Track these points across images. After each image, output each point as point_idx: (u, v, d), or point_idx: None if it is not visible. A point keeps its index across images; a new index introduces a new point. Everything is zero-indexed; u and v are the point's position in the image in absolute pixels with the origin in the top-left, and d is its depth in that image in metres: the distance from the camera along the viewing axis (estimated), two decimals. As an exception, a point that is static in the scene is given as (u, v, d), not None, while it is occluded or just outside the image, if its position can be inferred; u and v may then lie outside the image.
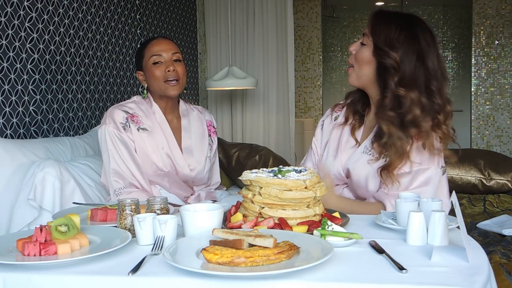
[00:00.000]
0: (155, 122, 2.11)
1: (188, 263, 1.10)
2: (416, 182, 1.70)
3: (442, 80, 1.73)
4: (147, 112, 2.12)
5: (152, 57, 2.07)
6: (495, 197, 3.16)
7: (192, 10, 4.30)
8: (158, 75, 2.07)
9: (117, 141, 2.04)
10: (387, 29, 1.73)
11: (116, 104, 2.14)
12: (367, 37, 1.77)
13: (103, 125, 2.06)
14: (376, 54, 1.74)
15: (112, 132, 2.04)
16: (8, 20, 2.28)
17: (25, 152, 2.14)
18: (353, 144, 1.86)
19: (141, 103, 2.14)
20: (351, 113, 1.91)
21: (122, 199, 1.44)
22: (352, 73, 1.81)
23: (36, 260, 1.17)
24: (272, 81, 4.41)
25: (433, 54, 1.73)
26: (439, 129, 1.71)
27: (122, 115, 2.06)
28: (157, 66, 2.07)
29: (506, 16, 5.70)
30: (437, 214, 1.26)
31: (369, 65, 1.76)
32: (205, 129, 2.28)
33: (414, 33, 1.73)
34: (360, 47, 1.79)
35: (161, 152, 2.09)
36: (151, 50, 2.10)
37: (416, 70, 1.70)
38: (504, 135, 5.81)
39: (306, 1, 6.07)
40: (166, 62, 2.08)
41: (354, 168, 1.81)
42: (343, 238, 1.27)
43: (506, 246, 2.12)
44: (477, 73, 5.82)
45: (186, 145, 2.17)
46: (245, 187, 1.49)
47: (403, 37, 1.71)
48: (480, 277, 1.07)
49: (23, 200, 1.98)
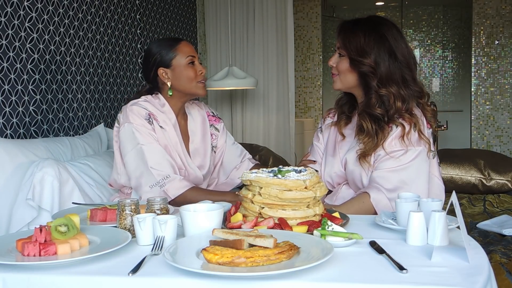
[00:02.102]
0: (169, 124, 2.11)
1: (188, 263, 1.10)
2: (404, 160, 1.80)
3: (413, 67, 1.88)
4: (161, 112, 2.12)
5: (189, 57, 2.12)
6: (495, 197, 3.16)
7: (192, 10, 4.30)
8: (194, 75, 2.12)
9: (151, 132, 2.02)
10: (356, 38, 1.86)
11: (130, 102, 2.10)
12: (341, 50, 1.90)
13: (126, 123, 2.02)
14: (352, 65, 1.87)
15: (142, 126, 2.02)
16: (8, 20, 2.28)
17: (25, 152, 2.14)
18: (341, 138, 1.99)
19: (153, 102, 2.13)
20: (338, 114, 2.05)
21: (122, 199, 1.44)
22: (337, 80, 1.94)
23: (36, 260, 1.17)
24: (272, 81, 4.41)
25: (402, 46, 1.86)
26: (427, 111, 1.89)
27: (144, 112, 2.05)
28: (192, 67, 2.13)
29: (506, 16, 5.70)
30: (437, 214, 1.26)
31: (351, 73, 1.90)
32: (207, 125, 2.29)
33: (381, 33, 1.85)
34: (339, 58, 1.92)
35: (176, 153, 2.09)
36: (186, 50, 2.12)
37: (390, 68, 1.84)
38: (504, 135, 5.81)
39: (306, 1, 6.07)
40: (197, 63, 2.15)
41: (349, 155, 1.91)
42: (343, 238, 1.27)
43: (507, 246, 2.12)
44: (477, 73, 5.82)
45: (194, 147, 2.20)
46: (245, 187, 1.49)
47: (372, 41, 1.85)
48: (481, 277, 1.07)
49: (22, 200, 1.98)
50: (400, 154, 1.80)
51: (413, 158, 1.80)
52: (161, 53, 2.12)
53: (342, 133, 1.99)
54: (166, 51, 2.12)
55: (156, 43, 2.16)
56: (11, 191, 2.04)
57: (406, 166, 1.79)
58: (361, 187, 1.87)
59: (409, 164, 1.79)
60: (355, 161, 1.87)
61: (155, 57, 2.11)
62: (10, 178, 2.06)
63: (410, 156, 1.80)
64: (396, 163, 1.80)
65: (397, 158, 1.80)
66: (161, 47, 2.14)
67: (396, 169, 1.79)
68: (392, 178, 1.78)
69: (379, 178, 1.79)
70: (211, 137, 2.27)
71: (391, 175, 1.78)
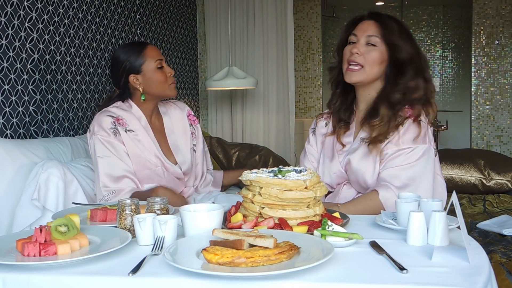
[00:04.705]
0: (140, 126, 2.17)
1: (189, 263, 1.10)
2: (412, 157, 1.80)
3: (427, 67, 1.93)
4: (130, 116, 2.18)
5: (157, 61, 2.17)
6: (495, 197, 3.16)
7: (192, 10, 4.30)
8: (164, 78, 2.18)
9: (113, 143, 2.08)
10: (391, 27, 1.86)
11: (100, 111, 2.17)
12: (374, 38, 1.86)
13: (93, 136, 2.10)
14: (392, 51, 1.85)
15: (104, 138, 2.08)
16: (8, 20, 2.27)
17: (25, 152, 2.14)
18: (341, 147, 1.96)
19: (122, 107, 2.20)
20: (336, 122, 2.01)
21: (122, 199, 1.44)
22: (360, 72, 1.87)
23: (36, 260, 1.16)
24: (272, 81, 4.41)
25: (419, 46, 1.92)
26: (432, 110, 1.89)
27: (109, 120, 2.11)
28: (162, 70, 2.18)
29: (506, 16, 5.70)
30: (437, 214, 1.26)
31: (381, 65, 1.87)
32: (186, 122, 2.36)
33: (409, 31, 1.92)
34: (367, 47, 1.86)
35: (150, 153, 2.15)
36: (153, 54, 2.17)
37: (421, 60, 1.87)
38: (504, 135, 5.81)
39: (306, 1, 6.07)
40: (166, 66, 2.20)
41: (353, 157, 1.88)
42: (344, 238, 1.27)
43: (507, 246, 2.12)
44: (477, 73, 5.82)
45: (172, 143, 2.26)
46: (245, 187, 1.49)
47: (405, 33, 1.87)
48: (481, 278, 1.07)
49: (26, 200, 1.98)
50: (408, 151, 1.80)
51: (420, 155, 1.80)
52: (130, 60, 2.17)
53: (342, 142, 1.96)
54: (135, 57, 2.17)
55: (122, 50, 2.20)
56: (12, 191, 2.04)
57: (414, 164, 1.79)
58: (364, 186, 1.86)
59: (417, 162, 1.79)
60: (361, 158, 1.85)
61: (124, 64, 2.16)
62: (11, 178, 2.06)
63: (418, 153, 1.80)
64: (405, 160, 1.79)
65: (406, 155, 1.80)
66: (129, 53, 2.18)
67: (405, 166, 1.79)
68: (401, 175, 1.78)
69: (388, 177, 1.78)
70: (191, 135, 2.34)
71: (400, 172, 1.78)
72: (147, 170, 2.13)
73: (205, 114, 4.58)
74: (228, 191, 2.75)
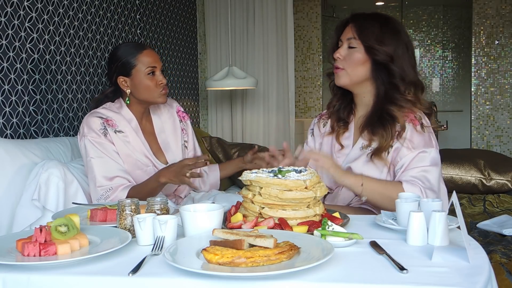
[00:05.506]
0: (130, 128, 2.17)
1: (189, 263, 1.10)
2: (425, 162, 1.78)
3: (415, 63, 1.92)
4: (120, 117, 2.18)
5: (148, 68, 2.15)
6: (495, 197, 3.16)
7: (192, 10, 4.30)
8: (154, 85, 2.16)
9: (103, 144, 2.09)
10: (372, 28, 1.85)
11: (89, 113, 2.18)
12: (353, 40, 1.86)
13: (83, 137, 2.10)
14: (369, 54, 1.84)
15: (94, 139, 2.08)
16: (8, 20, 2.27)
17: (26, 152, 2.14)
18: (340, 148, 1.96)
19: (112, 108, 2.20)
20: (335, 121, 2.00)
21: (122, 199, 1.44)
22: (343, 74, 1.88)
23: (36, 260, 1.16)
24: (272, 81, 4.40)
25: (412, 44, 1.90)
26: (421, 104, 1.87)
27: (98, 122, 2.12)
28: (152, 77, 2.16)
29: (506, 16, 5.69)
30: (437, 214, 1.26)
31: (363, 65, 1.86)
32: (176, 120, 2.35)
33: (396, 28, 1.88)
34: (349, 50, 1.87)
35: (140, 153, 2.16)
36: (146, 60, 2.15)
37: (407, 61, 1.84)
38: (504, 135, 5.81)
39: (306, 1, 6.07)
40: (158, 74, 2.17)
41: (354, 165, 1.86)
42: (344, 238, 1.27)
43: (507, 246, 2.12)
44: (477, 73, 5.82)
45: (162, 141, 2.26)
46: (245, 187, 1.49)
47: (390, 33, 1.85)
48: (481, 278, 1.06)
49: (26, 200, 1.98)
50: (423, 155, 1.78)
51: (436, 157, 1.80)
52: (123, 61, 2.16)
53: (341, 143, 1.96)
54: (127, 59, 2.17)
55: (120, 49, 2.20)
56: (12, 192, 2.04)
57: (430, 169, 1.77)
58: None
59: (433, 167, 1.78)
60: (363, 166, 1.84)
61: (117, 64, 2.17)
62: (11, 178, 2.06)
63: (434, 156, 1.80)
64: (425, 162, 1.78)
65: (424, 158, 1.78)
66: (124, 54, 2.18)
67: (427, 169, 1.77)
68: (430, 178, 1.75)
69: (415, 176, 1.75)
70: (182, 132, 2.34)
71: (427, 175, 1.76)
72: (139, 171, 2.14)
73: (205, 114, 4.58)
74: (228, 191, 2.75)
